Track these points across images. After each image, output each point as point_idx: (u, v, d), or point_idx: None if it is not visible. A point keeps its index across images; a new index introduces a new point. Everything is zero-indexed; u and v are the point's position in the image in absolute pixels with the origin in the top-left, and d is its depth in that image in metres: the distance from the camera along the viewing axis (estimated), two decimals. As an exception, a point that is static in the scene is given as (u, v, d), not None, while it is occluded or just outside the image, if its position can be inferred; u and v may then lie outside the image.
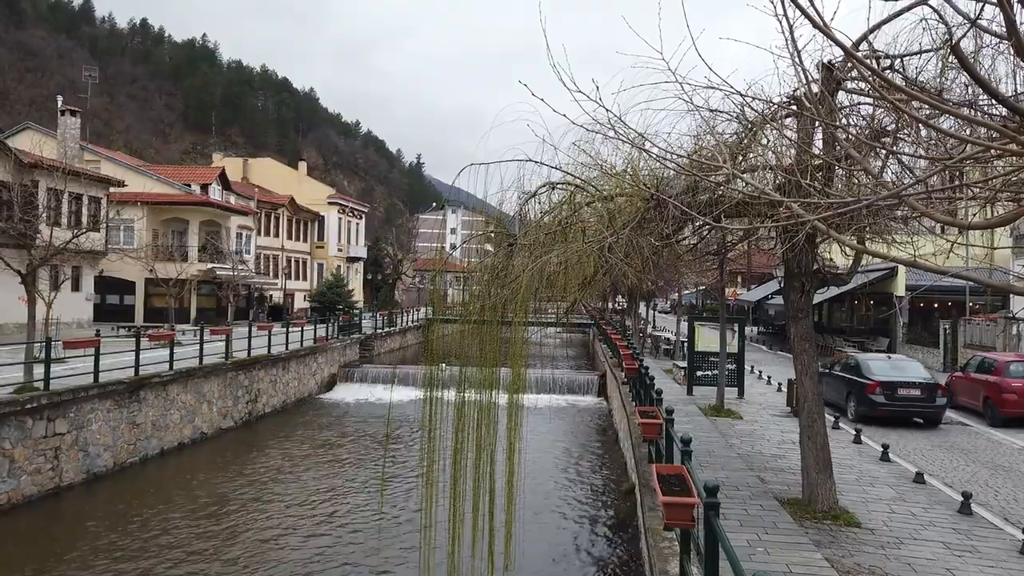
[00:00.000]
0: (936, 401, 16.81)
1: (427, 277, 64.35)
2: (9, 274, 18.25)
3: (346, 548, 13.23)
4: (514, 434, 9.25)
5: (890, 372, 17.16)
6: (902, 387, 16.76)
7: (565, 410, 27.99)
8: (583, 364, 42.00)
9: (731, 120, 8.60)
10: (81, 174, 28.61)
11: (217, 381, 22.86)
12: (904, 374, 17.17)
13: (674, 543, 7.93)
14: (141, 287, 42.09)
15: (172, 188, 44.91)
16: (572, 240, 8.98)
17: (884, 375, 17.06)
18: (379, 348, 40.69)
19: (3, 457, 14.57)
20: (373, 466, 19.54)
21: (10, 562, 12.47)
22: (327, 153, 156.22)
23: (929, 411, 16.89)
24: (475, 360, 9.01)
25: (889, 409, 16.63)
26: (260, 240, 52.58)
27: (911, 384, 16.83)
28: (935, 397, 16.80)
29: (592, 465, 19.85)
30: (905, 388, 16.77)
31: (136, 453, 18.72)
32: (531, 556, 12.40)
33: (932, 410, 16.86)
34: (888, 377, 16.95)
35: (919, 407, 16.87)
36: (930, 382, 17.02)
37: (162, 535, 13.72)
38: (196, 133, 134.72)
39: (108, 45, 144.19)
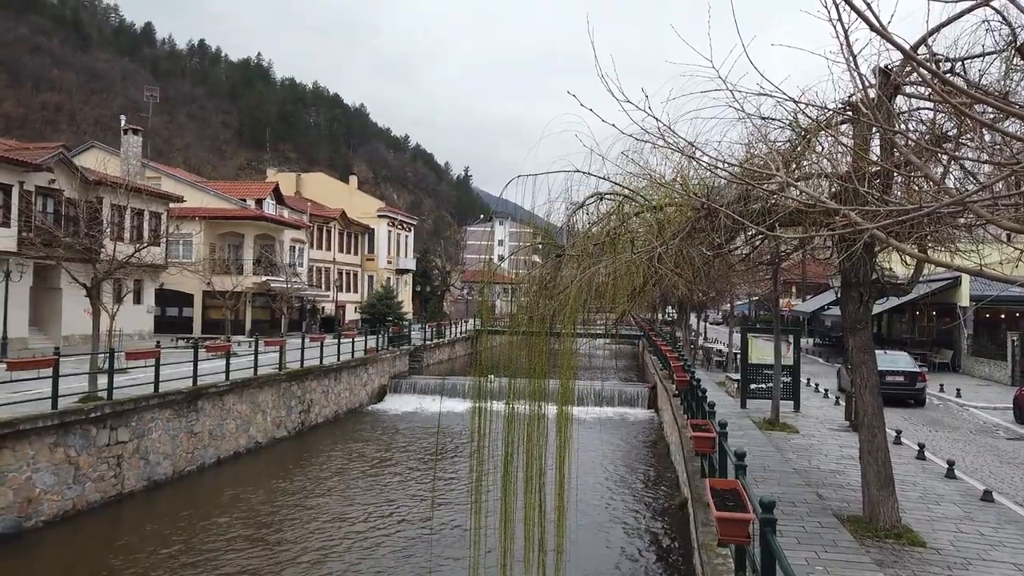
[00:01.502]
0: (916, 385, 22.06)
1: (475, 289, 64.64)
2: (75, 287, 18.97)
3: (398, 557, 13.30)
4: (563, 446, 9.18)
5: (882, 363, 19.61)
6: (890, 375, 21.15)
7: (615, 422, 27.72)
8: (633, 376, 41.57)
9: (784, 127, 8.43)
10: (143, 190, 29.66)
11: (271, 391, 23.33)
12: (894, 365, 21.98)
13: (728, 559, 7.75)
14: (199, 299, 43.30)
15: (228, 203, 46.18)
16: (621, 251, 8.90)
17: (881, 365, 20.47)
18: (428, 359, 40.99)
19: (69, 464, 15.10)
20: (423, 476, 19.65)
21: (75, 568, 12.88)
22: (377, 167, 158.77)
23: (911, 393, 22.02)
24: (524, 371, 9.00)
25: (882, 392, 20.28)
26: (312, 253, 53.62)
27: (897, 372, 21.82)
28: (916, 382, 22.05)
29: (643, 478, 19.59)
30: (892, 375, 21.42)
31: (194, 462, 19.20)
32: (581, 568, 12.27)
33: (914, 392, 22.07)
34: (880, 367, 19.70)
35: (903, 390, 21.77)
36: (913, 371, 22.18)
37: (219, 543, 14.02)
38: (251, 149, 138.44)
39: (168, 66, 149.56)
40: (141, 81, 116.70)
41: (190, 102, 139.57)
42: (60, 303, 31.23)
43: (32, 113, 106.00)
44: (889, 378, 20.80)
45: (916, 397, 22.25)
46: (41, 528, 14.16)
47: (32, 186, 29.31)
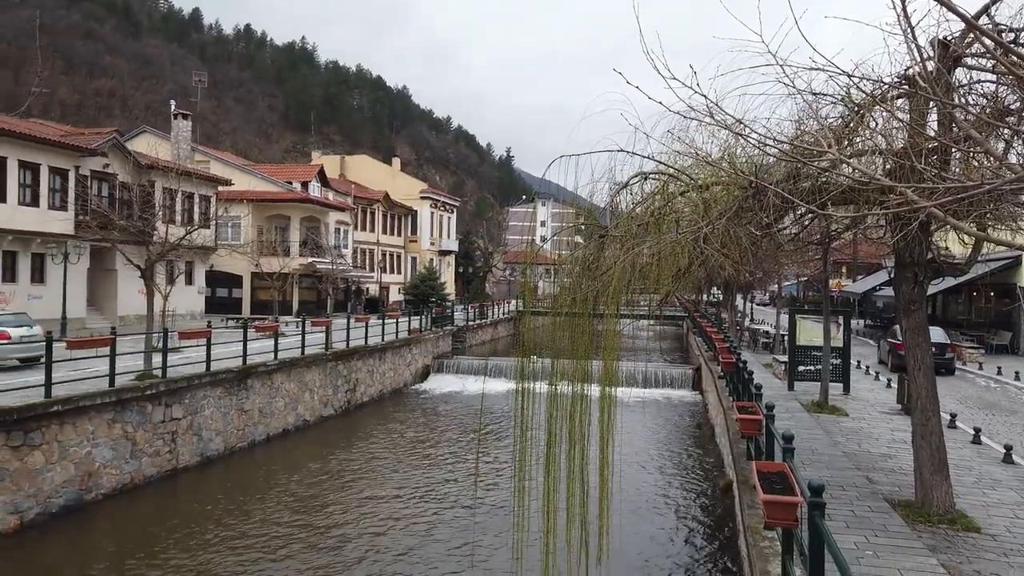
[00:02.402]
0: (945, 356, 23.74)
1: (517, 270, 64.71)
2: (130, 269, 19.53)
3: (442, 536, 13.49)
4: (607, 426, 9.17)
5: None
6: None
7: (659, 404, 27.56)
8: (677, 357, 41.23)
9: (836, 103, 8.17)
10: (193, 174, 30.29)
11: (318, 371, 23.77)
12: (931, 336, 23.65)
13: (775, 542, 7.67)
14: (248, 281, 44.23)
15: (275, 186, 46.93)
16: (665, 231, 8.78)
17: None
18: (471, 340, 41.25)
19: (126, 440, 15.65)
20: (466, 456, 19.85)
21: (134, 539, 13.39)
22: (420, 149, 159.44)
23: (941, 362, 22.22)
24: (566, 352, 8.99)
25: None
26: (357, 235, 54.24)
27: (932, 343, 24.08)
28: (945, 353, 23.73)
29: (687, 460, 19.48)
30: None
31: (244, 438, 19.72)
32: (625, 549, 12.28)
33: (943, 361, 23.06)
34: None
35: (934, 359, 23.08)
36: (943, 343, 23.83)
37: (269, 518, 14.41)
38: (296, 132, 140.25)
39: (216, 51, 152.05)
40: (189, 66, 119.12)
41: (237, 86, 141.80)
42: (116, 284, 32.23)
43: (86, 99, 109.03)
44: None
45: (946, 366, 23.81)
46: (101, 501, 14.74)
47: (87, 170, 30.20)
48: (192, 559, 12.22)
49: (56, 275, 28.04)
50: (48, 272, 28.80)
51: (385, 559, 12.32)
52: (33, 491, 13.32)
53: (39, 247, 28.35)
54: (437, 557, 12.45)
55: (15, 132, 27.06)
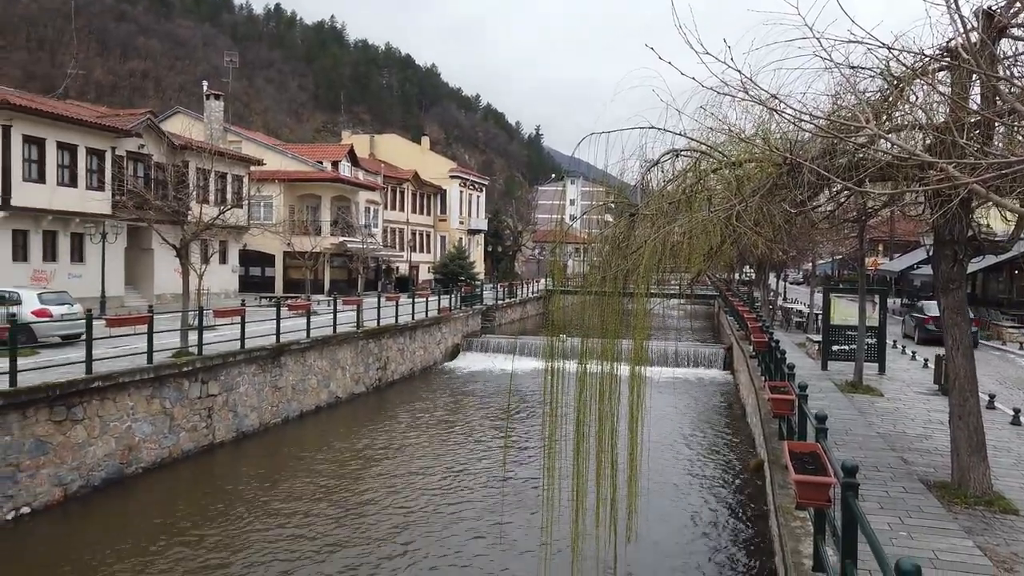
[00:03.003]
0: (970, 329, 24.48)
1: (547, 248, 64.57)
2: (166, 248, 19.88)
3: (471, 510, 13.64)
4: (636, 406, 9.15)
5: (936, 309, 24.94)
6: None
7: (689, 383, 27.44)
8: (708, 337, 40.94)
9: (874, 76, 7.95)
10: (226, 154, 30.65)
11: (350, 349, 24.05)
12: None
13: (807, 523, 7.62)
14: (280, 260, 44.77)
15: (306, 165, 47.27)
16: (697, 209, 8.67)
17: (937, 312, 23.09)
18: (500, 319, 41.36)
19: (164, 415, 16.03)
20: (495, 434, 20.00)
21: (172, 511, 13.76)
22: (448, 127, 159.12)
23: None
24: (596, 331, 8.96)
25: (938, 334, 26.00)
26: (386, 214, 54.51)
27: None
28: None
29: (717, 439, 19.40)
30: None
31: (278, 415, 20.08)
32: (655, 528, 12.30)
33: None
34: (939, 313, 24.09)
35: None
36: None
37: (302, 491, 14.69)
38: (326, 112, 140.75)
39: (246, 31, 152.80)
40: (221, 47, 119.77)
41: (268, 66, 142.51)
42: (152, 263, 32.86)
43: (121, 80, 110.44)
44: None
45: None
46: (140, 474, 15.14)
47: (123, 151, 30.71)
48: (228, 532, 12.53)
49: (95, 254, 28.65)
50: (87, 251, 29.45)
51: (415, 536, 12.51)
52: (76, 464, 13.73)
53: (78, 227, 28.97)
54: (466, 533, 12.60)
55: (53, 114, 27.58)
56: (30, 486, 12.78)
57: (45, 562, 11.18)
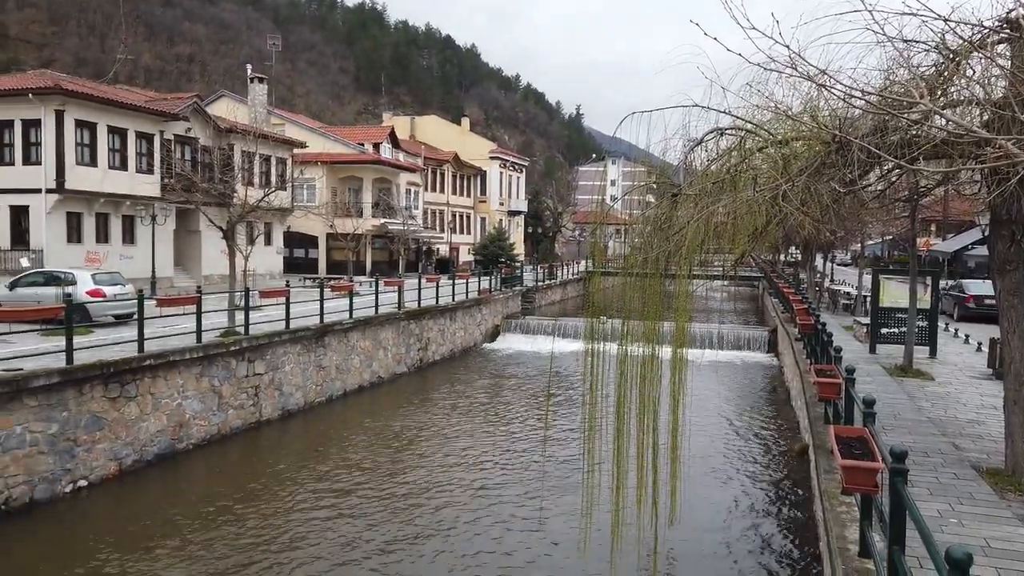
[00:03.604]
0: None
1: (587, 230, 64.21)
2: (213, 230, 20.31)
3: (511, 491, 13.74)
4: (678, 388, 9.09)
5: (981, 289, 25.14)
6: (987, 298, 23.43)
7: (732, 366, 27.13)
8: (752, 319, 40.36)
9: (929, 50, 7.65)
10: (269, 137, 31.05)
11: (391, 329, 24.33)
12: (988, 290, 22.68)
13: (853, 508, 7.49)
14: (323, 241, 45.39)
15: (347, 148, 47.68)
16: (742, 189, 8.51)
17: (976, 291, 25.58)
18: (540, 300, 41.36)
19: (213, 393, 16.45)
20: (535, 415, 20.07)
21: (222, 485, 14.16)
22: (488, 108, 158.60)
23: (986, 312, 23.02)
24: (637, 313, 8.90)
25: (976, 311, 24.80)
26: (427, 196, 54.76)
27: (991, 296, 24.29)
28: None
29: (761, 423, 19.17)
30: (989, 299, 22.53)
31: (323, 394, 20.45)
32: (696, 511, 12.26)
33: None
34: (978, 292, 25.30)
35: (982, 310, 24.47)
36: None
37: (346, 469, 14.97)
38: (368, 94, 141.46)
39: (289, 14, 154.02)
40: (264, 30, 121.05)
41: (310, 48, 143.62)
42: (200, 245, 33.60)
43: (168, 64, 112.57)
44: (987, 301, 23.63)
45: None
46: (191, 450, 15.60)
47: (171, 135, 31.35)
48: (272, 508, 12.84)
49: (145, 236, 29.42)
50: (138, 233, 30.25)
51: (454, 517, 12.65)
52: (130, 440, 14.20)
53: (128, 209, 29.75)
54: (506, 513, 12.70)
55: (104, 99, 28.26)
56: (87, 460, 13.27)
57: (102, 532, 11.61)
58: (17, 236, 27.12)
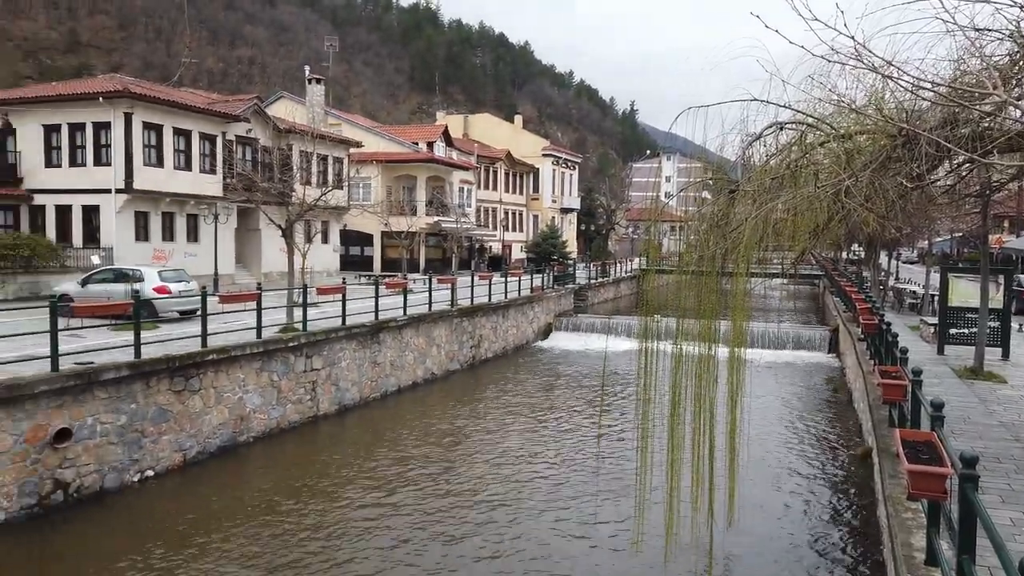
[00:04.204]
0: None
1: (641, 227, 63.55)
2: (272, 228, 20.79)
3: (564, 489, 13.70)
4: (735, 388, 8.91)
5: None
6: None
7: (792, 366, 26.51)
8: (812, 318, 39.36)
9: (1003, 39, 7.31)
10: (326, 137, 31.62)
11: (444, 327, 24.53)
12: None
13: (919, 514, 7.24)
14: (378, 239, 46.02)
15: (402, 147, 48.23)
16: (802, 184, 8.28)
17: None
18: (593, 298, 41.13)
19: (272, 387, 16.86)
20: (588, 413, 19.97)
21: (281, 477, 14.50)
22: (541, 105, 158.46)
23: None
24: (692, 312, 8.76)
25: None
26: (480, 193, 55.00)
27: None
28: None
29: (822, 425, 18.68)
30: None
31: (377, 389, 20.75)
32: (754, 514, 12.02)
33: None
34: None
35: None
36: None
37: (401, 461, 15.16)
38: (422, 93, 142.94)
39: (346, 15, 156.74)
40: (322, 31, 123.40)
41: (366, 49, 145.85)
42: (260, 243, 34.46)
43: (230, 67, 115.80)
44: None
45: None
46: (252, 443, 16.02)
47: (232, 135, 32.22)
48: (329, 501, 13.09)
49: (208, 234, 30.32)
50: (201, 232, 31.18)
51: (506, 517, 12.67)
52: (194, 432, 14.67)
53: (192, 208, 30.70)
54: (558, 511, 12.67)
55: (169, 101, 29.21)
56: (153, 451, 13.76)
57: (167, 520, 12.02)
58: (88, 234, 28.26)
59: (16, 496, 11.34)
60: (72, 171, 28.32)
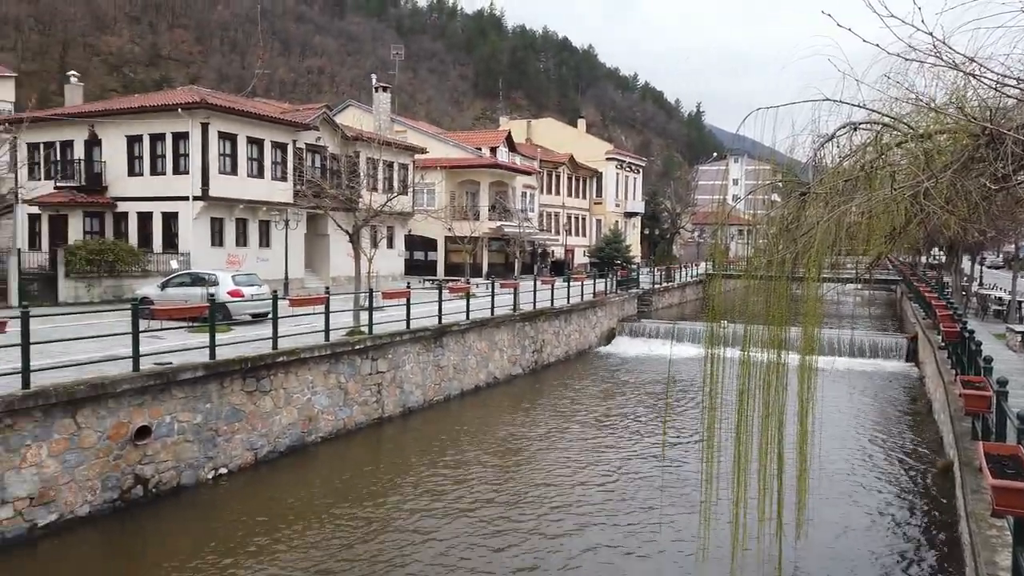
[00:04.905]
0: None
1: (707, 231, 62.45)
2: (340, 234, 21.27)
3: (625, 498, 13.55)
4: (806, 397, 8.64)
5: None
6: None
7: (867, 375, 25.57)
8: (889, 325, 37.91)
9: (1100, 29, 6.90)
10: (392, 144, 32.19)
11: (507, 331, 24.61)
12: None
13: (1004, 532, 6.88)
14: (442, 244, 46.55)
15: (465, 152, 48.71)
16: (878, 186, 7.99)
17: None
18: (657, 303, 40.60)
19: (339, 389, 17.22)
20: (652, 420, 19.70)
21: (347, 477, 14.80)
22: (605, 109, 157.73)
23: None
24: (761, 318, 8.54)
25: None
26: (542, 198, 55.04)
27: None
28: None
29: (898, 437, 17.95)
30: None
31: (440, 392, 20.96)
32: (825, 527, 11.63)
33: None
34: None
35: None
36: None
37: (464, 465, 15.26)
38: (485, 99, 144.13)
39: (411, 24, 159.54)
40: (388, 40, 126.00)
41: (430, 57, 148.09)
42: (328, 248, 35.29)
43: (300, 77, 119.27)
44: None
45: None
46: (319, 443, 16.40)
47: (303, 144, 33.13)
48: (393, 502, 13.27)
49: (279, 240, 31.25)
50: (272, 237, 32.16)
51: (567, 527, 12.59)
52: (264, 431, 15.11)
53: (264, 215, 31.69)
54: (621, 520, 12.53)
55: (243, 111, 30.26)
56: (227, 449, 14.23)
57: (240, 516, 12.41)
58: (168, 240, 29.49)
59: (99, 490, 11.90)
60: (153, 179, 29.61)
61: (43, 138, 31.52)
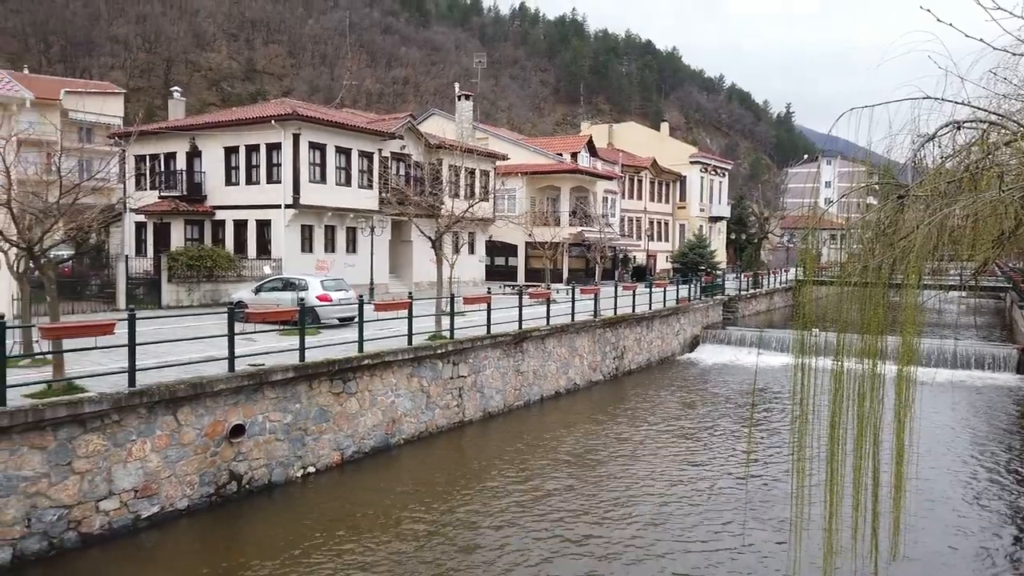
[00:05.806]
0: None
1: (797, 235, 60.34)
2: (423, 239, 21.69)
3: (710, 512, 13.21)
4: (903, 410, 8.22)
5: None
6: None
7: (971, 387, 24.12)
8: (996, 335, 35.64)
9: None
10: (474, 151, 32.57)
11: (587, 337, 24.45)
12: None
13: None
14: (522, 250, 46.73)
15: (546, 158, 48.77)
16: (985, 188, 7.52)
17: None
18: (743, 310, 39.51)
19: (422, 392, 17.52)
20: (737, 430, 19.15)
21: (429, 478, 15.02)
22: (689, 111, 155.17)
23: None
24: (855, 326, 8.18)
25: None
26: (624, 203, 54.50)
27: None
28: None
29: (1006, 454, 16.83)
30: None
31: (520, 398, 21.01)
32: (924, 548, 11.02)
33: None
34: None
35: None
36: None
37: (543, 472, 15.24)
38: (567, 104, 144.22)
39: (493, 32, 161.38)
40: (471, 49, 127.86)
41: (512, 64, 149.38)
42: (411, 253, 36.04)
43: (386, 87, 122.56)
44: None
45: None
46: (402, 445, 16.72)
47: (388, 152, 33.97)
48: (474, 506, 13.37)
49: (365, 246, 32.11)
50: (359, 243, 33.08)
51: (648, 543, 12.38)
52: (350, 432, 15.52)
53: (351, 221, 32.64)
54: (705, 534, 12.22)
55: (332, 122, 31.29)
56: (315, 449, 14.70)
57: (327, 513, 12.79)
58: (261, 246, 30.77)
59: (197, 485, 12.50)
60: (248, 188, 30.98)
61: (149, 150, 33.50)
